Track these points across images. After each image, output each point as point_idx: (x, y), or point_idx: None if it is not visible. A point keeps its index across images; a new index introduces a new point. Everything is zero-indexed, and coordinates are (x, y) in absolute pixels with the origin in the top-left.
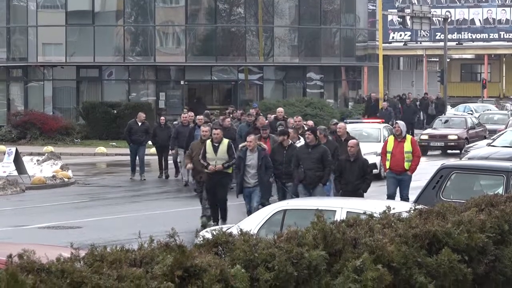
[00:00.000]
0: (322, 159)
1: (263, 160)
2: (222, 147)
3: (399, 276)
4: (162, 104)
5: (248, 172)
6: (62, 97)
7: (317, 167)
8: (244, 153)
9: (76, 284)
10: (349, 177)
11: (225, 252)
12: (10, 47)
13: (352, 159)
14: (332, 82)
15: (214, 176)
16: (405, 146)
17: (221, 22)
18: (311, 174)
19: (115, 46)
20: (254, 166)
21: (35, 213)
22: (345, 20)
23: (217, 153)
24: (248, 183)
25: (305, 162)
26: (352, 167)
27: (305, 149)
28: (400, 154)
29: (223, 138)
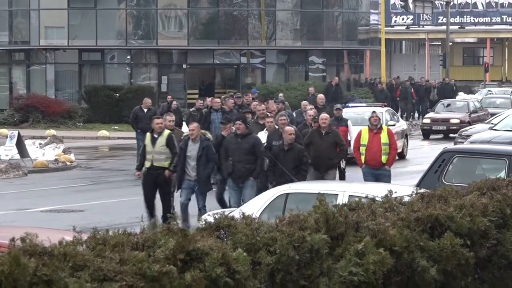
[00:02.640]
0: (253, 150)
1: (204, 151)
2: (161, 139)
3: (401, 260)
4: (164, 88)
5: (189, 163)
6: (65, 80)
7: (247, 159)
8: (185, 143)
9: (78, 267)
10: (283, 167)
11: (227, 236)
12: (12, 31)
13: (286, 147)
14: (334, 65)
15: (153, 170)
16: (382, 137)
17: (223, 5)
18: (239, 167)
19: (117, 30)
20: (195, 157)
21: (38, 196)
22: (347, 3)
23: (155, 145)
24: (189, 176)
25: (234, 154)
26: (286, 157)
27: (234, 139)
28: (376, 147)
29: (165, 129)
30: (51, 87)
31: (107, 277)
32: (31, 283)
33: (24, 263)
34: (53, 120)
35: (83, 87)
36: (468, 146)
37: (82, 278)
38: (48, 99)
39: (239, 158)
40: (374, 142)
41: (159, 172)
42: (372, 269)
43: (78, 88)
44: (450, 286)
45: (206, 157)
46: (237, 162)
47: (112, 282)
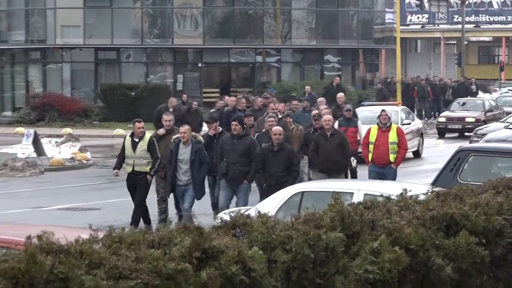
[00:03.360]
0: (248, 152)
1: (196, 154)
2: (142, 143)
3: (417, 258)
4: (180, 86)
5: (180, 168)
6: (81, 79)
7: (242, 160)
8: (176, 146)
9: (94, 265)
10: (272, 168)
11: (243, 234)
12: (28, 30)
13: (276, 148)
14: (350, 64)
15: (134, 175)
16: (390, 136)
17: (239, 4)
18: (234, 169)
19: (133, 29)
20: (187, 161)
21: (54, 194)
22: (362, 2)
23: (135, 150)
24: (180, 180)
25: (229, 155)
26: (276, 158)
27: (230, 140)
28: (384, 145)
29: (146, 133)
30: (67, 86)
31: (122, 275)
32: (48, 280)
33: (40, 261)
34: (69, 118)
35: (99, 85)
36: (484, 144)
37: (98, 276)
38: (64, 97)
39: (234, 160)
40: (381, 140)
41: (140, 177)
42: (388, 267)
43: (94, 86)
44: (466, 284)
45: (199, 160)
46: (231, 164)
47: (128, 280)
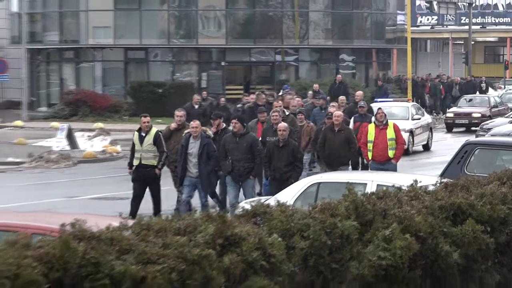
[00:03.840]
0: (251, 149)
1: (204, 148)
2: (149, 137)
3: (426, 245)
4: (204, 84)
5: (190, 161)
6: (111, 77)
7: (246, 158)
8: (186, 140)
9: (124, 251)
10: (277, 163)
11: (263, 222)
12: (62, 31)
13: (281, 144)
14: (363, 63)
15: (141, 168)
16: (388, 133)
17: (259, 6)
18: (238, 166)
19: (160, 30)
20: (196, 154)
21: (86, 185)
22: (375, 5)
23: (142, 144)
24: (191, 173)
25: (233, 153)
26: (281, 153)
27: (232, 138)
28: (382, 143)
29: (152, 127)
30: (99, 83)
31: (150, 260)
32: (80, 265)
33: (74, 247)
34: (100, 114)
35: (128, 83)
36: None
37: (128, 261)
38: (95, 94)
39: (238, 157)
40: (380, 138)
41: (147, 170)
42: (399, 254)
43: (123, 84)
44: (472, 270)
45: (207, 154)
46: (236, 161)
47: (155, 265)
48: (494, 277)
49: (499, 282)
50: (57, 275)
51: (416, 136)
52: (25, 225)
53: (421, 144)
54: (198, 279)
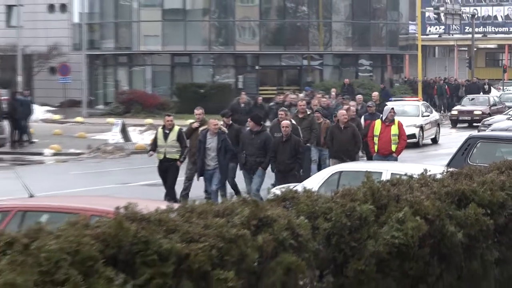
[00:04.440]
0: (264, 145)
1: (222, 143)
2: (172, 134)
3: (434, 226)
4: (240, 85)
5: (209, 154)
6: (159, 79)
7: (258, 153)
8: (204, 136)
9: (170, 231)
10: (281, 156)
11: (291, 206)
12: (117, 39)
13: (284, 139)
14: (380, 67)
15: (165, 161)
16: (392, 129)
17: (289, 18)
18: (251, 160)
19: (202, 38)
20: (214, 149)
21: (138, 173)
22: (390, 16)
23: (167, 140)
24: (209, 166)
25: (248, 148)
26: (284, 147)
27: (249, 135)
28: (387, 137)
29: (175, 125)
30: (149, 85)
31: (193, 239)
32: (132, 243)
33: (126, 227)
34: (150, 111)
35: (174, 84)
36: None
37: (173, 239)
38: (146, 94)
39: (252, 152)
40: (385, 133)
41: (171, 163)
42: (410, 234)
43: (170, 85)
44: (474, 248)
45: (225, 148)
46: (249, 155)
47: (198, 243)
48: (494, 254)
49: (498, 259)
50: (112, 251)
51: (425, 131)
52: (85, 208)
53: (430, 138)
54: (235, 255)
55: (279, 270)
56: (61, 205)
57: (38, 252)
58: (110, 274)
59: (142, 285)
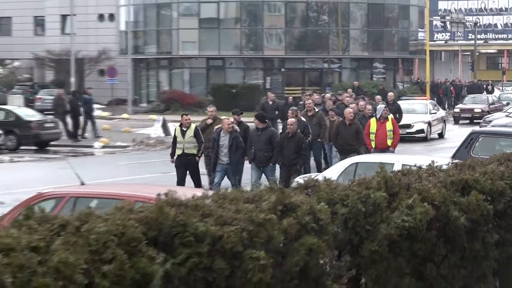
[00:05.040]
0: (270, 141)
1: (233, 141)
2: (189, 131)
3: (440, 211)
4: (268, 86)
5: (221, 151)
6: (196, 80)
7: (266, 148)
8: (218, 134)
9: (205, 215)
10: (286, 152)
11: (313, 193)
12: (159, 44)
13: (289, 136)
14: (392, 70)
15: (184, 156)
16: (387, 125)
17: (311, 26)
18: (260, 155)
19: (234, 43)
20: (226, 145)
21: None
22: (401, 24)
23: (184, 137)
24: (222, 161)
25: (255, 144)
26: (289, 143)
27: (255, 132)
28: (383, 133)
29: (191, 123)
30: (187, 85)
31: (226, 222)
32: (172, 226)
33: (166, 212)
34: (187, 109)
35: (209, 85)
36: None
37: (208, 223)
38: (184, 93)
39: (259, 147)
40: (381, 130)
41: (189, 158)
42: (419, 218)
43: (205, 86)
44: (476, 231)
45: (236, 145)
46: (257, 151)
47: (230, 226)
48: (494, 236)
49: (497, 241)
50: (153, 233)
51: (433, 126)
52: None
53: (437, 133)
54: (263, 237)
55: (302, 251)
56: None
57: (88, 234)
58: (152, 254)
59: (180, 263)
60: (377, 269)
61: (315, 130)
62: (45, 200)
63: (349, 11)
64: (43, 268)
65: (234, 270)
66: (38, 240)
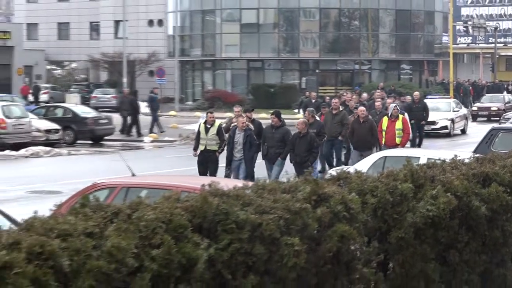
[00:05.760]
0: (283, 139)
1: (247, 138)
2: (213, 129)
3: (462, 202)
4: (303, 85)
5: (236, 147)
6: (237, 80)
7: (278, 145)
8: (233, 132)
9: (246, 204)
10: (298, 150)
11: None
12: (203, 47)
13: (301, 135)
14: (418, 71)
15: (205, 152)
16: (397, 124)
17: (343, 30)
18: (271, 152)
19: (272, 47)
20: (240, 143)
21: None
22: (427, 29)
23: (208, 133)
24: (235, 157)
25: (268, 141)
26: (301, 142)
27: (270, 129)
28: (392, 131)
29: (215, 121)
30: (229, 85)
31: (264, 211)
32: (215, 214)
33: (210, 201)
34: (229, 106)
35: (250, 85)
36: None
37: (248, 211)
38: (226, 92)
39: (272, 144)
40: (390, 127)
41: (210, 154)
42: (442, 207)
43: (246, 85)
44: (495, 220)
45: (250, 143)
46: (270, 147)
47: (268, 214)
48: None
49: None
50: (198, 221)
51: (456, 123)
52: (176, 185)
53: (459, 129)
54: (299, 225)
55: (334, 237)
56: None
57: (139, 221)
58: (196, 240)
59: (223, 248)
60: (403, 255)
61: (337, 128)
62: (99, 190)
63: (378, 17)
64: (97, 252)
65: (272, 255)
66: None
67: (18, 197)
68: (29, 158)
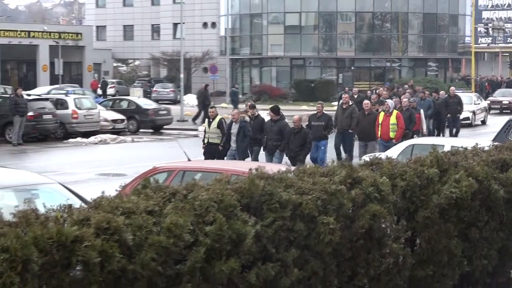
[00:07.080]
0: (280, 132)
1: (241, 129)
2: (214, 123)
3: (482, 185)
4: (340, 81)
5: (232, 138)
6: (282, 76)
7: (276, 137)
8: (230, 124)
9: (288, 186)
10: (292, 145)
11: (377, 169)
12: (251, 47)
13: (296, 130)
14: (443, 68)
15: (208, 145)
16: (391, 119)
17: (376, 32)
18: (270, 144)
19: (312, 46)
20: (235, 133)
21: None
22: (451, 30)
23: (210, 127)
24: (232, 147)
25: (268, 134)
26: (295, 137)
27: (269, 122)
28: (386, 126)
29: (217, 115)
30: (274, 80)
31: (304, 192)
32: (261, 195)
33: (257, 183)
34: (274, 99)
35: (292, 80)
36: None
37: (290, 192)
38: (272, 87)
39: (271, 137)
40: (385, 122)
41: (213, 146)
42: (465, 190)
43: (289, 81)
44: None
45: (243, 133)
46: (269, 140)
47: (308, 195)
48: None
49: None
50: (246, 201)
51: (477, 115)
52: (227, 169)
53: (480, 120)
54: (335, 204)
55: (367, 216)
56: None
57: (194, 201)
58: (245, 217)
59: (268, 225)
60: (429, 232)
61: (348, 121)
62: (159, 173)
63: (407, 19)
64: (157, 228)
65: (310, 231)
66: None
67: (88, 179)
68: (97, 145)
